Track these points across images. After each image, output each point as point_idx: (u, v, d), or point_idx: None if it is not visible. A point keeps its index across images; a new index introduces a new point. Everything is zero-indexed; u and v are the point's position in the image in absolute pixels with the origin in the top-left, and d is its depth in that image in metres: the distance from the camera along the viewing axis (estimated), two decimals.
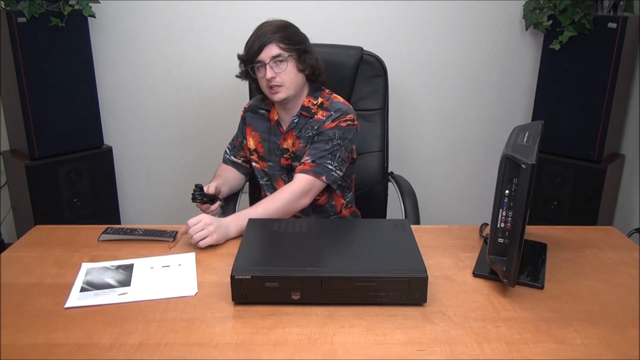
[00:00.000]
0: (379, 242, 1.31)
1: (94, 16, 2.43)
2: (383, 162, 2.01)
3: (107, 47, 2.61)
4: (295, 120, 1.70)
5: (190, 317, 1.12)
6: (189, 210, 2.85)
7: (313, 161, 1.63)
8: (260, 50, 1.59)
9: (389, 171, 2.05)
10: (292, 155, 1.72)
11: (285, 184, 1.70)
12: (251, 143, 1.80)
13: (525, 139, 1.24)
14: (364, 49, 1.98)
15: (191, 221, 1.42)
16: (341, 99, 1.74)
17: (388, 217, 2.09)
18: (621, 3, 2.35)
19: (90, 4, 2.41)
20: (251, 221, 1.42)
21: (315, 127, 1.68)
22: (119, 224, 2.69)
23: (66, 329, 1.08)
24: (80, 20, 2.41)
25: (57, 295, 1.19)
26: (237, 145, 1.86)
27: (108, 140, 2.69)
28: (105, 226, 1.49)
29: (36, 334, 1.06)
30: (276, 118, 1.73)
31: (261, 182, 1.82)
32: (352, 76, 1.97)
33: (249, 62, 1.64)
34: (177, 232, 1.49)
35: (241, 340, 1.05)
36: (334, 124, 1.65)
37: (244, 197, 1.95)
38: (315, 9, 2.57)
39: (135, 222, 2.79)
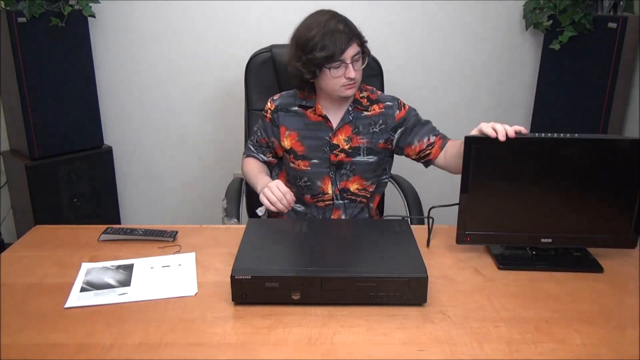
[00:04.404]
0: (379, 242, 1.31)
1: (94, 16, 2.43)
2: None
3: (107, 47, 2.61)
4: (351, 115, 1.65)
5: (190, 317, 1.12)
6: (189, 210, 2.89)
7: (436, 135, 1.67)
8: (346, 49, 1.50)
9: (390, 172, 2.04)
10: (345, 150, 1.65)
11: (332, 181, 1.68)
12: (286, 143, 1.68)
13: None
14: None
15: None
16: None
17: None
18: (621, 3, 2.35)
19: (90, 4, 2.41)
20: (251, 221, 1.42)
21: (380, 122, 1.66)
22: (119, 224, 2.69)
23: (66, 329, 1.08)
24: (80, 20, 2.41)
25: (57, 295, 1.20)
26: (263, 144, 1.75)
27: (108, 140, 2.69)
28: (105, 226, 1.49)
29: (36, 334, 1.06)
30: (324, 113, 1.65)
31: (299, 183, 1.70)
32: None
33: (328, 62, 1.52)
34: (177, 232, 1.49)
35: (241, 340, 1.05)
36: (406, 109, 1.69)
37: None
38: (312, 8, 2.56)
39: (135, 222, 2.79)
